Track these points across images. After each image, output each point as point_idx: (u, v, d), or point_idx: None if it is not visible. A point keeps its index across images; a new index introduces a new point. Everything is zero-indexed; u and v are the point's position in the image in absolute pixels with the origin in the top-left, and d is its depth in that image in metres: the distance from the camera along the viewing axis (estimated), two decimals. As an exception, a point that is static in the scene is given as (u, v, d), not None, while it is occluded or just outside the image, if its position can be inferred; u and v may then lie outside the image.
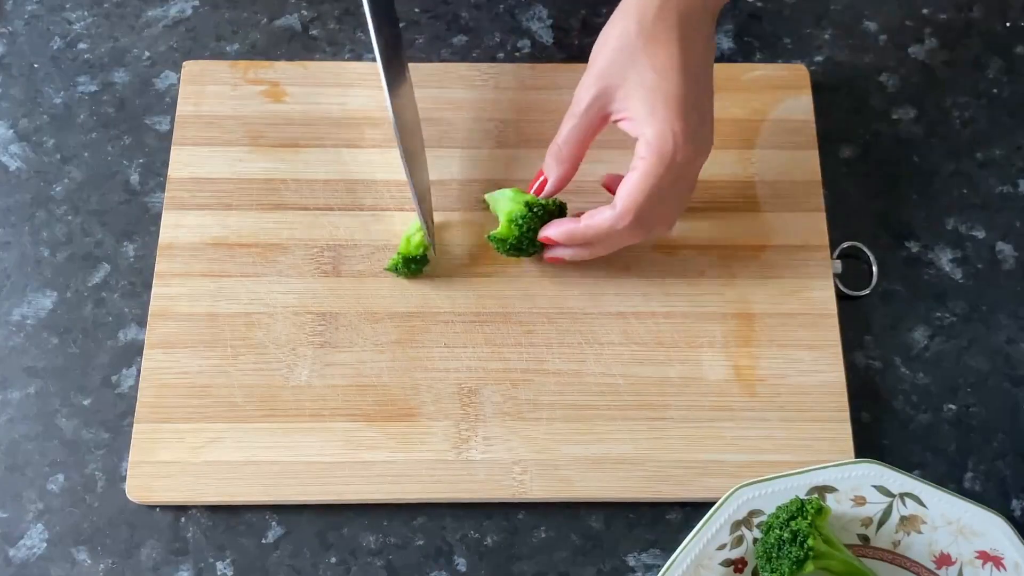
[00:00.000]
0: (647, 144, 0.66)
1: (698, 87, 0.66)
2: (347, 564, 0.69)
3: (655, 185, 0.66)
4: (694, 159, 0.67)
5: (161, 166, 0.79)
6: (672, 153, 0.65)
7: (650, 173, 0.66)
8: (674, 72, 0.65)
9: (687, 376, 0.73)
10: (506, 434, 0.71)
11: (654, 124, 0.65)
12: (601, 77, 0.67)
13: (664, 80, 0.65)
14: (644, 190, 0.66)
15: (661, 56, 0.65)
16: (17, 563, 0.69)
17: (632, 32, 0.66)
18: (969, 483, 0.72)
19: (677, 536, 0.68)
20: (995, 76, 0.84)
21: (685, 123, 0.65)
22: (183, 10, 0.85)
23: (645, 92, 0.66)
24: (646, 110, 0.66)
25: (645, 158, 0.66)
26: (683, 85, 0.65)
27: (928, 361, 0.75)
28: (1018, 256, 0.78)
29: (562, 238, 0.71)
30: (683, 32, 0.66)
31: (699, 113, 0.66)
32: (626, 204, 0.67)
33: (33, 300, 0.76)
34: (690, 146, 0.66)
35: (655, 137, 0.65)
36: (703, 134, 0.67)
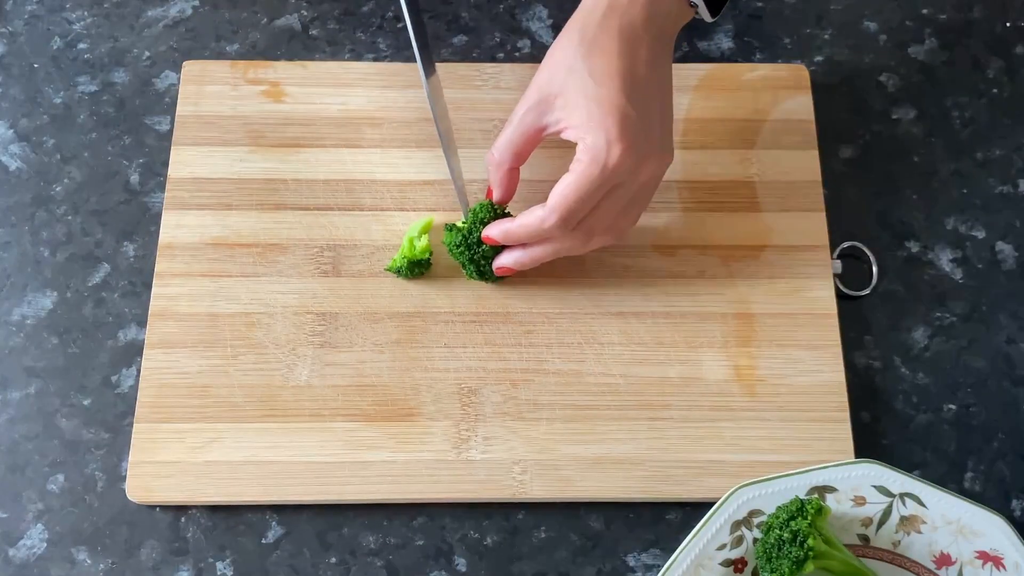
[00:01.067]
0: (584, 148, 0.66)
1: (641, 96, 0.66)
2: (347, 564, 0.69)
3: (587, 189, 0.66)
4: (635, 168, 0.66)
5: (161, 166, 0.79)
6: (606, 159, 0.65)
7: (583, 176, 0.66)
8: (613, 80, 0.65)
9: (687, 376, 0.73)
10: (506, 434, 0.71)
11: (591, 130, 0.65)
12: (540, 87, 0.68)
13: (602, 87, 0.65)
14: (574, 192, 0.66)
15: (600, 65, 0.66)
16: (17, 563, 0.69)
17: (574, 43, 0.67)
18: (969, 483, 0.72)
19: (677, 536, 0.68)
20: (995, 76, 0.84)
21: (622, 130, 0.65)
22: (183, 10, 0.85)
23: (584, 100, 0.66)
24: (584, 116, 0.66)
25: (580, 161, 0.66)
26: (622, 93, 0.65)
27: (928, 361, 0.75)
28: (1018, 256, 0.78)
29: (499, 236, 0.71)
30: (624, 42, 0.66)
31: (643, 123, 0.66)
32: (553, 202, 0.67)
33: (33, 300, 0.76)
34: (629, 154, 0.65)
35: (592, 142, 0.65)
36: (644, 143, 0.66)
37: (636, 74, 0.66)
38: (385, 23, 0.85)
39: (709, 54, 0.84)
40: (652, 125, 0.67)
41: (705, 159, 0.79)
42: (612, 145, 0.65)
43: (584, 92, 0.66)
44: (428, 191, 0.78)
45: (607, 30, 0.66)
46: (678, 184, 0.78)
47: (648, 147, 0.67)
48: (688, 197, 0.78)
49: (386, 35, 0.85)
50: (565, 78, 0.67)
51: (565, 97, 0.67)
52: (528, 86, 0.69)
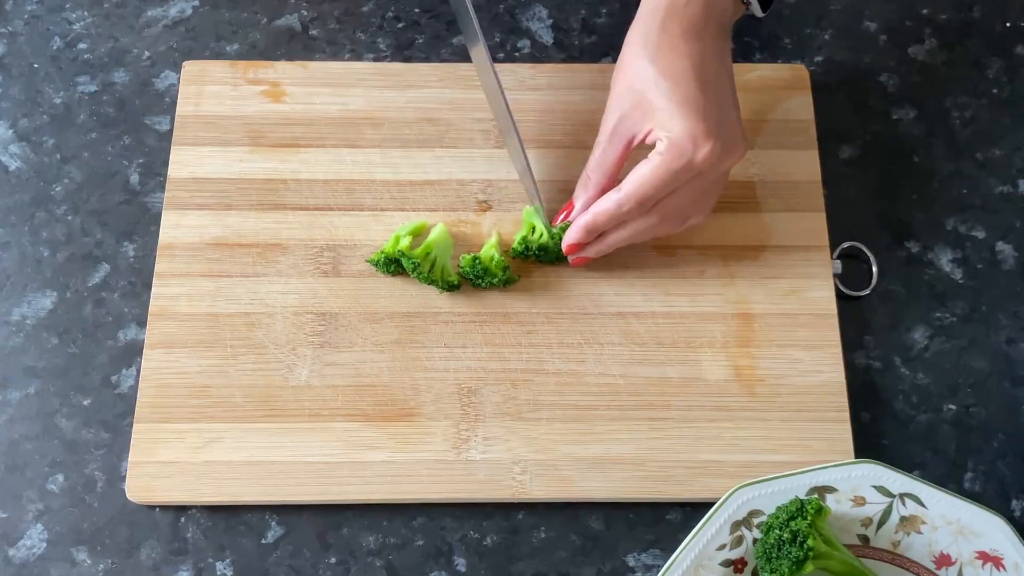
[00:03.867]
0: (668, 140, 0.67)
1: (715, 90, 0.67)
2: (347, 564, 0.69)
3: (666, 178, 0.67)
4: (718, 160, 0.67)
5: (161, 166, 0.79)
6: (692, 151, 0.66)
7: (663, 166, 0.67)
8: (687, 77, 0.66)
9: (687, 376, 0.73)
10: (506, 434, 0.71)
11: (676, 124, 0.66)
12: (620, 100, 0.69)
13: (678, 86, 0.66)
14: (654, 179, 0.67)
15: (671, 66, 0.67)
16: (17, 563, 0.69)
17: (639, 51, 0.68)
18: (969, 483, 0.72)
19: (677, 536, 0.68)
20: (995, 76, 0.84)
21: (706, 123, 0.66)
22: (183, 10, 0.85)
23: (664, 101, 0.67)
24: (667, 116, 0.67)
25: (662, 153, 0.67)
26: (698, 88, 0.66)
27: (928, 361, 0.75)
28: (1018, 256, 0.78)
29: (582, 235, 0.72)
30: (689, 42, 0.67)
31: (720, 114, 0.67)
32: (631, 189, 0.68)
33: (33, 300, 0.76)
34: (714, 145, 0.66)
35: (677, 135, 0.66)
36: (727, 135, 0.67)
37: (707, 69, 0.67)
38: (385, 23, 0.85)
39: (709, 54, 0.84)
40: (729, 116, 0.68)
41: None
42: (699, 140, 0.66)
43: (662, 94, 0.67)
44: (428, 191, 0.78)
45: (669, 32, 0.67)
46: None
47: (730, 138, 0.68)
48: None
49: (386, 35, 0.85)
50: (643, 89, 0.68)
51: (645, 105, 0.68)
52: (607, 106, 0.70)
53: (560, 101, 0.81)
